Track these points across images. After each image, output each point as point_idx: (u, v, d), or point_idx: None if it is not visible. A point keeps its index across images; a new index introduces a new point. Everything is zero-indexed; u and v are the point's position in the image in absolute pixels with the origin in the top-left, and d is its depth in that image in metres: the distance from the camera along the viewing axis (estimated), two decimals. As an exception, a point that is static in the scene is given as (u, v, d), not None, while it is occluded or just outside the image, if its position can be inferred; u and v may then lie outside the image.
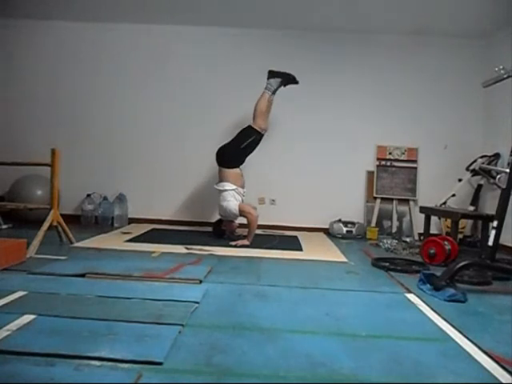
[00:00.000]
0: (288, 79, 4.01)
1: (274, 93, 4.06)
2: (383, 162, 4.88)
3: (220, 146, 4.09)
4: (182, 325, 1.77)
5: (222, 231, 4.16)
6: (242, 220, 4.04)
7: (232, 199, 3.89)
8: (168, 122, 4.94)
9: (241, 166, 4.08)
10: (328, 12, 4.34)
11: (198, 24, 4.81)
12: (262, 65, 4.92)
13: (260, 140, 4.07)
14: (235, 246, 3.71)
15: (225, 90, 4.91)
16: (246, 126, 4.09)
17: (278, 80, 3.96)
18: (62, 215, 3.48)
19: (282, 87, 4.12)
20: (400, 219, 4.84)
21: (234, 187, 3.93)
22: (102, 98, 4.95)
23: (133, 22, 4.83)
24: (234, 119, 4.90)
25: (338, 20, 4.53)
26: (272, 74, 4.02)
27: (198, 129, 4.91)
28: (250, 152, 4.07)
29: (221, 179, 4.01)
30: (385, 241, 4.14)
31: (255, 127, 4.00)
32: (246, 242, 3.80)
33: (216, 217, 4.35)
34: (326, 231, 4.78)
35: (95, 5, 4.47)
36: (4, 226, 4.13)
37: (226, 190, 3.91)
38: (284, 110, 4.88)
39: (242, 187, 4.06)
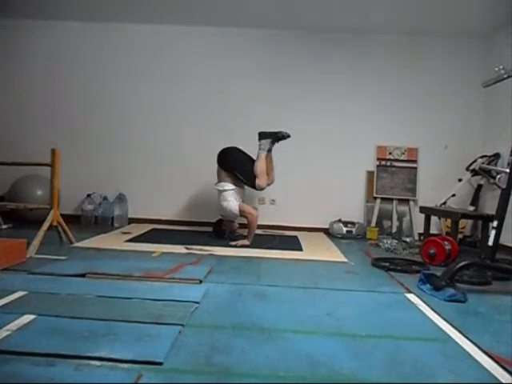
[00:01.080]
0: (277, 138, 3.97)
1: (269, 151, 4.00)
2: (383, 162, 4.88)
3: (225, 148, 4.06)
4: (182, 325, 1.77)
5: (222, 231, 4.16)
6: (242, 220, 4.04)
7: (232, 199, 3.89)
8: (168, 122, 4.94)
9: None
10: (328, 12, 4.34)
11: (197, 24, 4.80)
12: (262, 65, 4.94)
13: (248, 185, 3.99)
14: (235, 246, 3.71)
15: (225, 89, 4.91)
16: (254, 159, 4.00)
17: (269, 140, 3.95)
18: (62, 215, 3.48)
19: (276, 143, 4.04)
20: (400, 219, 4.84)
21: (234, 187, 3.93)
22: (101, 97, 4.95)
23: (132, 22, 4.83)
24: (234, 119, 4.90)
25: (338, 20, 4.53)
26: (262, 136, 3.98)
27: (198, 129, 4.92)
28: (242, 173, 3.98)
29: (220, 179, 4.00)
30: (385, 241, 4.14)
31: (255, 182, 3.90)
32: (246, 242, 3.80)
33: (216, 217, 4.34)
34: (326, 231, 4.79)
35: (94, 5, 4.47)
36: (4, 226, 4.13)
37: (225, 190, 3.91)
38: (284, 110, 4.89)
39: (242, 187, 4.06)
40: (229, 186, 3.93)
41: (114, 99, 4.95)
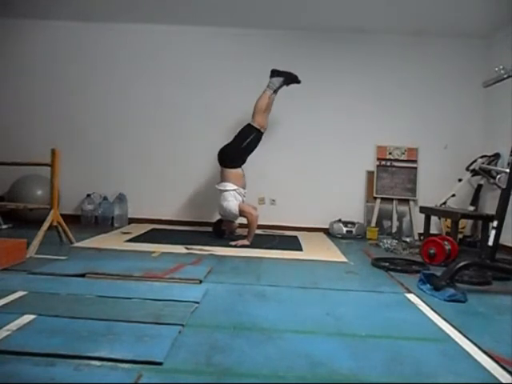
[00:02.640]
0: (291, 78, 4.01)
1: (275, 92, 4.05)
2: (383, 162, 4.88)
3: (222, 146, 4.08)
4: (182, 325, 1.77)
5: (222, 231, 4.16)
6: (243, 220, 4.04)
7: (232, 199, 3.89)
8: (168, 122, 4.94)
9: (242, 166, 4.07)
10: (328, 12, 4.34)
11: (196, 24, 4.80)
12: (262, 64, 4.92)
13: (260, 138, 4.07)
14: (235, 246, 3.71)
15: (225, 89, 4.91)
16: (245, 124, 4.08)
17: (281, 79, 3.97)
18: (62, 215, 3.48)
19: (285, 86, 4.11)
20: (400, 219, 4.84)
21: (235, 187, 3.93)
22: (101, 97, 4.95)
23: (131, 22, 4.82)
24: (234, 119, 4.89)
25: (339, 20, 4.54)
26: (275, 73, 4.02)
27: (198, 129, 4.91)
28: (251, 151, 4.07)
29: (222, 179, 4.00)
30: (385, 241, 4.13)
31: (254, 125, 4.00)
32: (246, 242, 3.80)
33: (216, 217, 4.35)
34: (326, 231, 4.78)
35: (92, 5, 4.47)
36: (4, 226, 4.13)
37: (226, 190, 3.91)
38: (284, 109, 4.88)
39: (244, 187, 4.06)
40: (230, 186, 3.93)
41: (113, 99, 4.94)
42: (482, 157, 4.38)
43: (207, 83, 4.91)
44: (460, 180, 4.51)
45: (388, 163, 4.87)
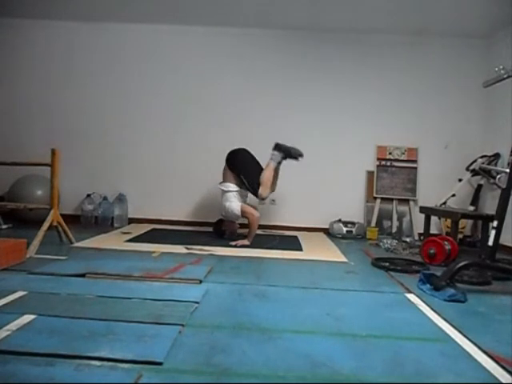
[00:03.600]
0: (289, 155, 3.97)
1: (278, 163, 4.01)
2: (383, 162, 4.88)
3: (236, 148, 4.05)
4: (182, 325, 1.77)
5: (222, 231, 4.16)
6: (243, 220, 4.04)
7: (235, 200, 3.89)
8: (167, 122, 4.94)
9: None
10: (329, 12, 4.33)
11: (196, 24, 4.80)
12: (262, 64, 4.94)
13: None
14: (235, 246, 3.71)
15: (225, 90, 4.91)
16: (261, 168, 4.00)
17: (280, 154, 3.94)
18: (62, 215, 3.48)
19: (285, 160, 4.05)
20: (400, 219, 4.84)
21: (238, 189, 3.93)
22: (101, 97, 4.94)
23: (130, 22, 4.82)
24: (234, 119, 4.90)
25: (339, 20, 4.53)
26: (277, 148, 3.98)
27: (198, 129, 4.91)
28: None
29: (225, 179, 4.00)
30: (385, 241, 4.13)
31: (258, 191, 3.90)
32: (246, 242, 3.80)
33: (216, 217, 4.34)
34: (326, 231, 4.78)
35: (91, 5, 4.47)
36: (4, 226, 4.13)
37: (229, 191, 3.91)
38: (284, 109, 4.89)
39: (246, 190, 4.05)
40: (233, 187, 3.92)
41: (113, 98, 4.94)
42: (482, 157, 4.39)
43: (207, 83, 4.91)
44: (460, 180, 4.51)
45: (388, 163, 4.87)
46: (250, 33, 4.85)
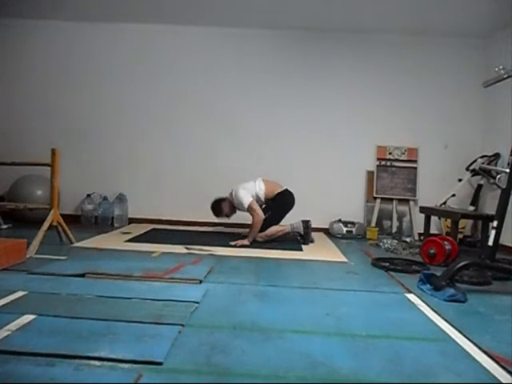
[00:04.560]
0: (303, 235, 4.09)
1: (289, 233, 4.12)
2: (383, 162, 4.88)
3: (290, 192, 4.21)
4: (182, 325, 1.77)
5: (220, 210, 4.17)
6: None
7: (249, 195, 3.97)
8: (168, 122, 4.94)
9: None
10: (329, 12, 4.33)
11: (196, 24, 4.80)
12: (261, 64, 4.94)
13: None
14: (235, 246, 3.71)
15: (225, 89, 4.91)
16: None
17: (299, 230, 4.09)
18: (62, 215, 3.48)
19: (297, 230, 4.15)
20: (400, 219, 4.84)
21: (255, 197, 4.02)
22: (101, 97, 4.95)
23: (130, 22, 4.83)
24: (233, 119, 4.90)
25: (339, 20, 4.53)
26: (305, 225, 4.10)
27: (197, 129, 4.91)
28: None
29: (263, 189, 4.10)
30: (385, 241, 4.13)
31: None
32: (245, 241, 3.80)
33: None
34: (326, 231, 4.78)
35: (91, 5, 4.47)
36: (4, 226, 4.13)
37: (247, 189, 4.00)
38: (284, 109, 4.89)
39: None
40: (256, 193, 4.03)
41: (113, 98, 4.94)
42: (482, 157, 4.38)
43: (207, 84, 4.91)
44: (460, 180, 4.51)
45: (388, 163, 4.87)
46: (250, 33, 4.85)
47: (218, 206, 4.20)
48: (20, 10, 4.68)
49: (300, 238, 4.10)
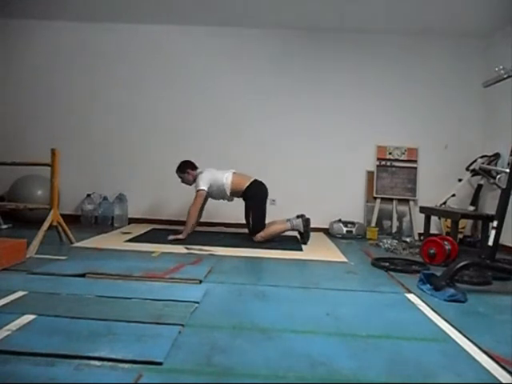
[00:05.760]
0: (302, 232, 4.02)
1: (290, 229, 4.08)
2: (383, 162, 4.88)
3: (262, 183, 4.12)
4: (182, 325, 1.77)
5: (183, 169, 4.13)
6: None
7: (206, 185, 3.92)
8: (167, 122, 4.94)
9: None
10: (329, 12, 4.34)
11: (196, 24, 4.81)
12: (262, 64, 4.93)
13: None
14: (171, 241, 3.73)
15: (225, 89, 4.91)
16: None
17: (298, 227, 4.00)
18: (62, 215, 3.48)
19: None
20: (400, 219, 4.84)
21: (226, 189, 3.98)
22: (101, 97, 4.95)
23: (132, 22, 4.83)
24: (233, 119, 4.90)
25: (339, 20, 4.54)
26: (303, 218, 4.02)
27: (197, 129, 4.91)
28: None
29: (231, 180, 4.03)
30: (385, 241, 4.14)
31: (254, 233, 4.00)
32: (180, 236, 3.81)
33: (217, 217, 4.33)
34: (326, 231, 4.78)
35: (93, 5, 4.48)
36: (4, 226, 4.13)
37: (211, 179, 3.96)
38: (284, 109, 4.89)
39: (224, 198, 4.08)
40: (227, 183, 3.95)
41: (113, 99, 4.95)
42: (482, 157, 4.39)
43: (207, 83, 4.91)
44: (460, 180, 4.51)
45: (388, 163, 4.87)
46: (249, 33, 4.85)
47: (185, 166, 4.13)
48: (24, 11, 4.68)
49: (300, 236, 4.08)
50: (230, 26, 4.81)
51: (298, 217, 4.04)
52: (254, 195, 4.01)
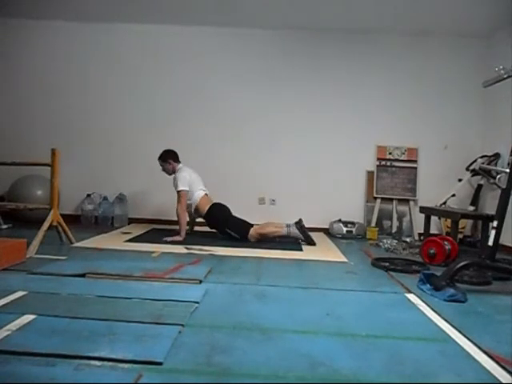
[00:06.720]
0: (303, 239, 4.02)
1: (285, 236, 4.07)
2: (383, 162, 4.88)
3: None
4: (182, 325, 1.77)
5: (166, 158, 4.18)
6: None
7: (186, 185, 3.96)
8: (167, 122, 4.94)
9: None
10: (329, 12, 4.34)
11: (195, 24, 4.81)
12: (262, 64, 4.94)
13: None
14: (169, 242, 3.71)
15: (225, 89, 4.91)
16: None
17: (295, 234, 4.00)
18: (62, 215, 3.48)
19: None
20: (400, 219, 4.84)
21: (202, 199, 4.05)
22: (101, 97, 4.95)
23: (130, 22, 4.83)
24: (232, 119, 4.90)
25: (339, 20, 4.54)
26: (299, 225, 4.02)
27: (197, 129, 4.91)
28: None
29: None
30: (385, 241, 4.13)
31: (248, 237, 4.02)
32: (177, 237, 3.81)
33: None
34: (326, 231, 4.78)
35: (92, 5, 4.47)
36: (4, 226, 4.13)
37: (191, 182, 4.00)
38: (284, 110, 4.89)
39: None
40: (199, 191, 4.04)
41: (113, 99, 4.95)
42: (482, 157, 4.39)
43: (207, 83, 4.92)
44: (460, 180, 4.51)
45: (388, 163, 4.87)
46: (250, 32, 4.85)
47: (167, 155, 4.16)
48: (22, 10, 4.68)
49: (302, 241, 4.06)
50: (230, 27, 4.81)
51: (296, 223, 4.04)
52: (220, 211, 4.07)
